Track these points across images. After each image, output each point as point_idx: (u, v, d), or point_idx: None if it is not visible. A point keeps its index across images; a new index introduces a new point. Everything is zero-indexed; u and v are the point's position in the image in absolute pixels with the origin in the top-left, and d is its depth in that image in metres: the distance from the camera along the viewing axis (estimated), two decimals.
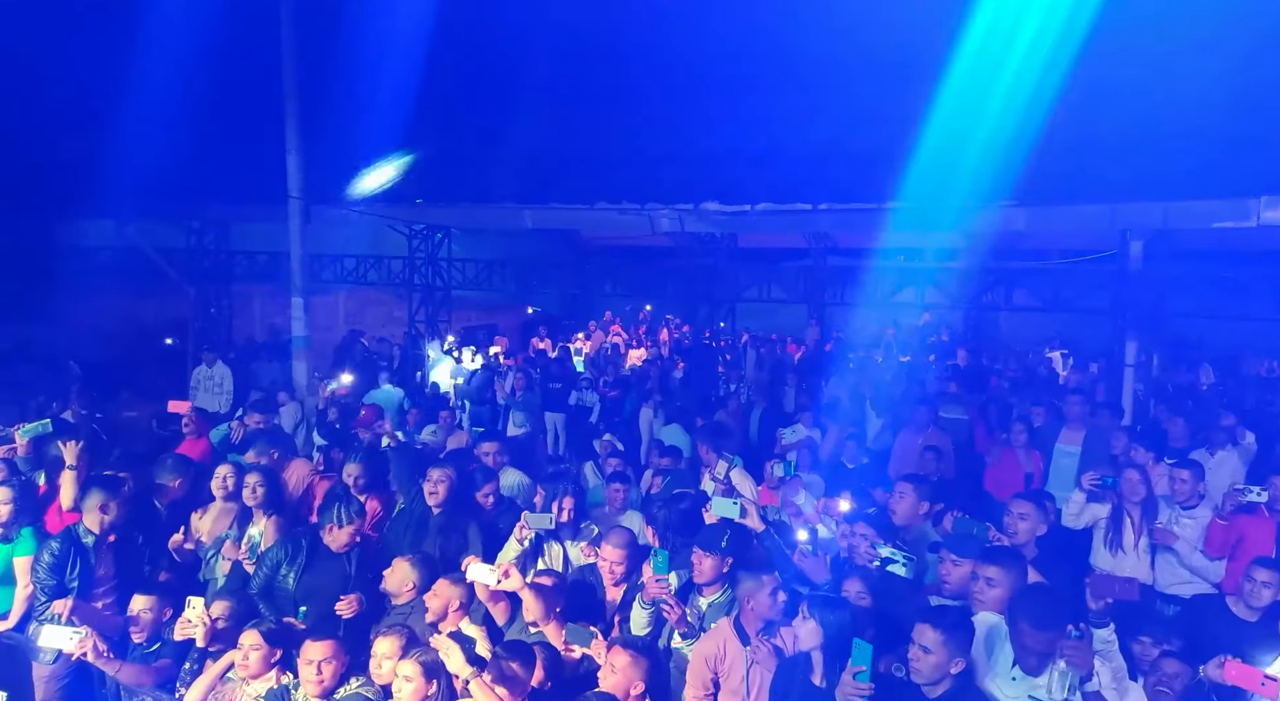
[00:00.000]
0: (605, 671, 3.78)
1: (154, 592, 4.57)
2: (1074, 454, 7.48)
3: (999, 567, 3.89)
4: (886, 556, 4.38)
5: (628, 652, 3.79)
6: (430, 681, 3.73)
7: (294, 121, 12.01)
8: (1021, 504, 4.99)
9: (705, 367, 14.08)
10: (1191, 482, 5.74)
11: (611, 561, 4.76)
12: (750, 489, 6.40)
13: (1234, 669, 3.48)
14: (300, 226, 12.31)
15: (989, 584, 3.86)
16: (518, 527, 5.06)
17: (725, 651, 3.95)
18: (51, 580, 4.73)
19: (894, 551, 4.41)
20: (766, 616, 3.95)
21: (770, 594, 3.96)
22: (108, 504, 4.88)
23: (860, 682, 3.26)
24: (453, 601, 4.43)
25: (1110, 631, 3.68)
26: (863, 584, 4.32)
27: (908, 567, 4.36)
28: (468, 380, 12.69)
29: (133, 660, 4.40)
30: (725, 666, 3.93)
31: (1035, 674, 3.45)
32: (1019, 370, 13.65)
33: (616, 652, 3.80)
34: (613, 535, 4.87)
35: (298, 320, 12.48)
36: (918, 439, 8.16)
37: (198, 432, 7.72)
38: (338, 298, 18.70)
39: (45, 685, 4.79)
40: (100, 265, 14.36)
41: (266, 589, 4.85)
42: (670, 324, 19.86)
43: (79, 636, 4.13)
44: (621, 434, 10.97)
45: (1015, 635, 3.52)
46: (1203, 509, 5.69)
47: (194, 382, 12.42)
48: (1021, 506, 4.96)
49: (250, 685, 4.06)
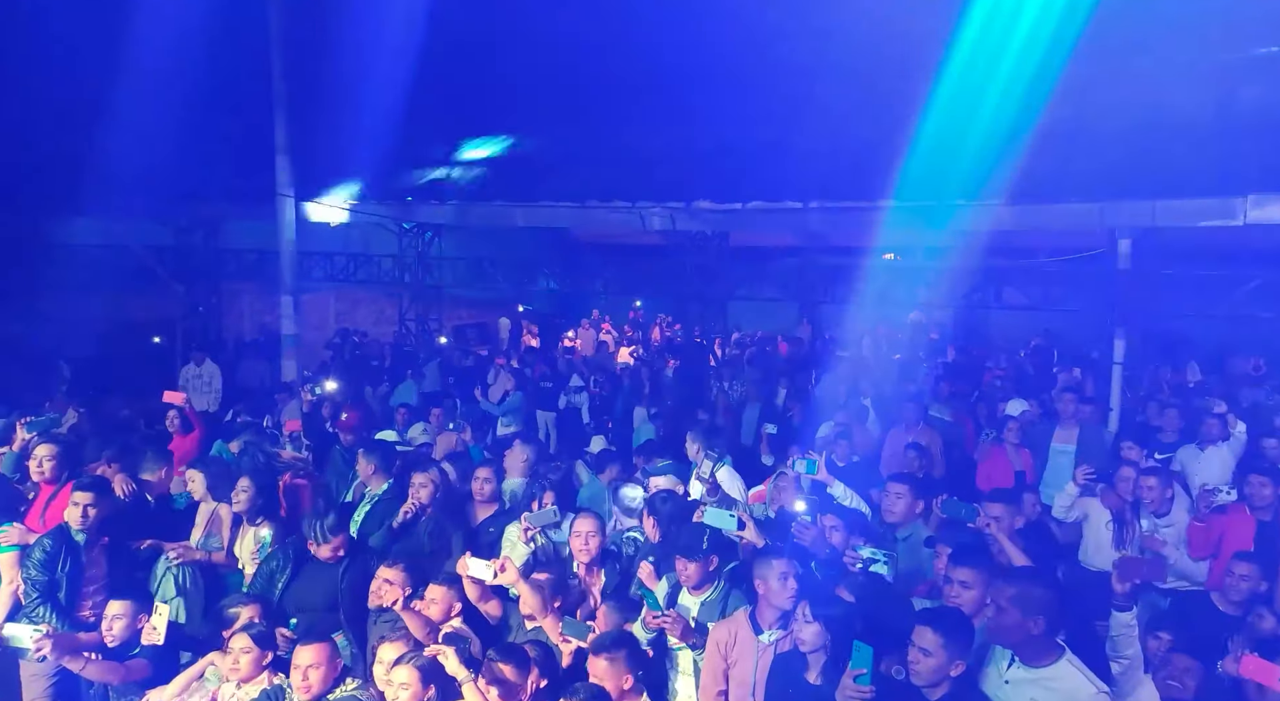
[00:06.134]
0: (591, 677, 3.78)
1: (131, 597, 4.52)
2: (1069, 452, 7.47)
3: (972, 570, 3.83)
4: (868, 557, 4.39)
5: (603, 657, 3.77)
6: (426, 686, 3.72)
7: (283, 119, 11.96)
8: (896, 485, 5.24)
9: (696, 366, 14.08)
10: (1159, 489, 5.70)
11: (586, 533, 4.80)
12: (738, 489, 6.37)
13: (1251, 663, 3.46)
14: (290, 224, 12.26)
15: (963, 587, 3.81)
16: (521, 530, 5.06)
17: (736, 638, 3.96)
18: (42, 577, 4.71)
19: (874, 551, 4.42)
20: (779, 603, 3.92)
21: (780, 578, 3.92)
22: (91, 504, 4.83)
23: (861, 686, 3.26)
24: (454, 605, 4.44)
25: (1132, 616, 3.65)
26: (850, 593, 4.30)
27: (889, 566, 4.37)
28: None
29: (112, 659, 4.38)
30: (735, 654, 3.94)
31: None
32: (1008, 368, 13.71)
33: (593, 662, 3.79)
34: (582, 513, 4.95)
35: (287, 318, 12.42)
36: (908, 437, 8.17)
37: (184, 429, 7.71)
38: (328, 296, 18.64)
39: (33, 683, 4.75)
40: (88, 263, 14.26)
41: (264, 596, 4.79)
42: (662, 322, 19.87)
43: (39, 633, 4.11)
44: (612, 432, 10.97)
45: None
46: (1178, 511, 5.71)
47: (182, 381, 12.36)
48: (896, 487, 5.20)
49: (242, 688, 4.04)
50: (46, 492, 5.45)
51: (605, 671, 3.72)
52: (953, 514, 4.66)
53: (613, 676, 3.71)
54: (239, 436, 7.05)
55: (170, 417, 7.85)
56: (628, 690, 3.75)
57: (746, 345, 16.89)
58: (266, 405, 10.11)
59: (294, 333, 12.43)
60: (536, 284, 20.39)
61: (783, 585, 3.91)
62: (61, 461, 5.48)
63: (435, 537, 5.39)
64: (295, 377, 11.97)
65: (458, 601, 4.47)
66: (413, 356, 15.01)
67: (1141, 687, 3.68)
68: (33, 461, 5.50)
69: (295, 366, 12.29)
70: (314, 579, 4.85)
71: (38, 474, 5.46)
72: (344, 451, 7.28)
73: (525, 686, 3.73)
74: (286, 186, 12.09)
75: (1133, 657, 3.62)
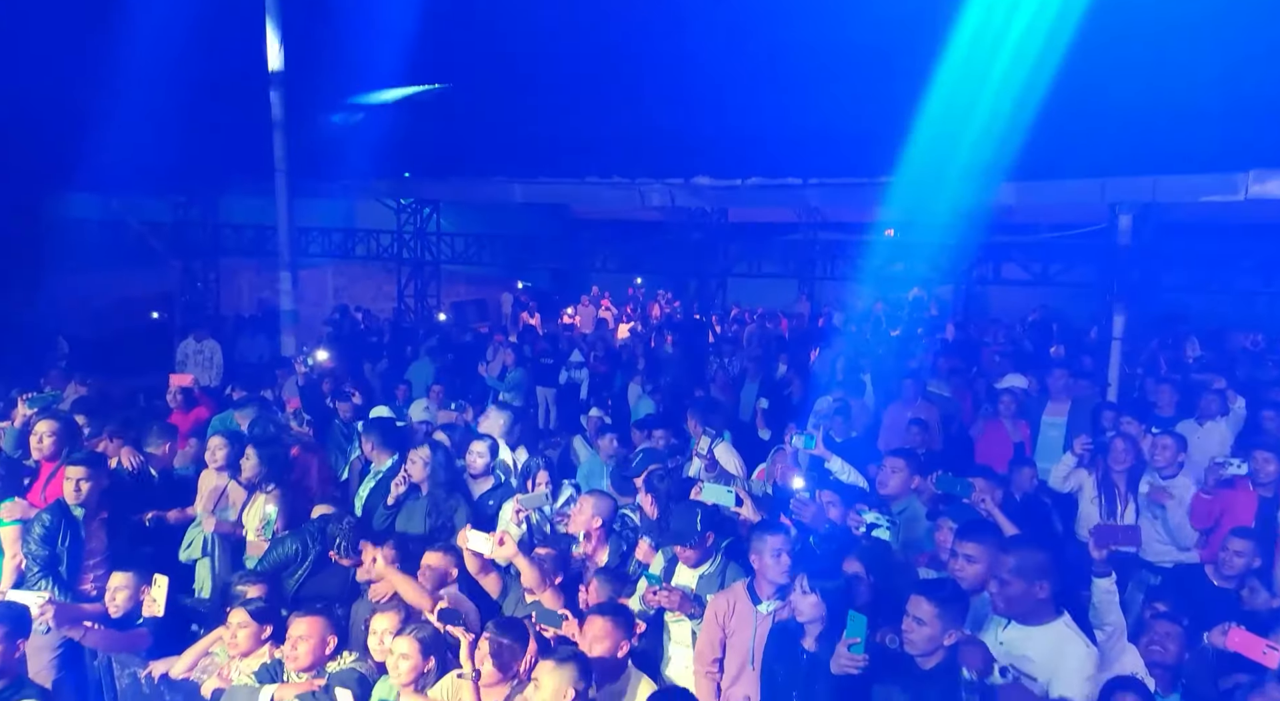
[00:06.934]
0: (587, 642, 3.81)
1: (134, 569, 4.55)
2: (1059, 425, 7.54)
3: (977, 544, 3.83)
4: (871, 521, 4.43)
5: (603, 618, 3.83)
6: (427, 658, 3.75)
7: (280, 95, 11.87)
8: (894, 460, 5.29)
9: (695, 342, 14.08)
10: (1173, 451, 5.78)
11: (590, 513, 4.84)
12: (735, 464, 6.40)
13: (1237, 636, 3.51)
14: (287, 200, 12.20)
15: (968, 560, 3.81)
16: (514, 511, 5.09)
17: (735, 609, 4.00)
18: (43, 551, 4.74)
19: (878, 516, 4.47)
20: (773, 578, 3.95)
21: (773, 554, 3.95)
22: (84, 479, 4.84)
23: (855, 654, 3.30)
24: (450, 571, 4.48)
25: (1111, 582, 3.69)
26: (860, 561, 4.32)
27: (891, 531, 4.41)
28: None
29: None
30: (734, 624, 3.98)
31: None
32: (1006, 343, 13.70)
33: (592, 623, 3.84)
34: (589, 493, 4.96)
35: (286, 294, 12.41)
36: (906, 412, 8.19)
37: (185, 406, 7.72)
38: (326, 272, 18.58)
39: (38, 655, 4.79)
40: (86, 239, 14.20)
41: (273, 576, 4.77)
42: (661, 299, 19.85)
43: (41, 601, 4.15)
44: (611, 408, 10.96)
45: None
46: (1182, 477, 5.74)
47: (180, 356, 12.30)
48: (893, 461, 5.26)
49: (243, 662, 4.08)
50: (48, 469, 5.47)
51: (606, 630, 3.76)
52: (947, 489, 4.70)
53: (611, 637, 3.76)
54: (245, 408, 7.04)
55: (173, 393, 7.86)
56: (621, 657, 3.81)
57: (745, 321, 16.87)
58: (267, 380, 10.12)
59: (292, 308, 12.42)
60: (536, 260, 20.34)
61: (776, 560, 3.95)
62: (61, 438, 5.49)
63: (434, 514, 5.40)
64: (295, 353, 11.96)
65: (454, 568, 4.53)
66: (412, 333, 14.99)
67: (1126, 655, 3.73)
68: (33, 437, 5.51)
69: (295, 342, 12.28)
70: (331, 573, 4.86)
71: (38, 450, 5.47)
72: (343, 426, 7.31)
73: (523, 659, 3.76)
74: (284, 162, 12.03)
75: (1115, 625, 3.66)
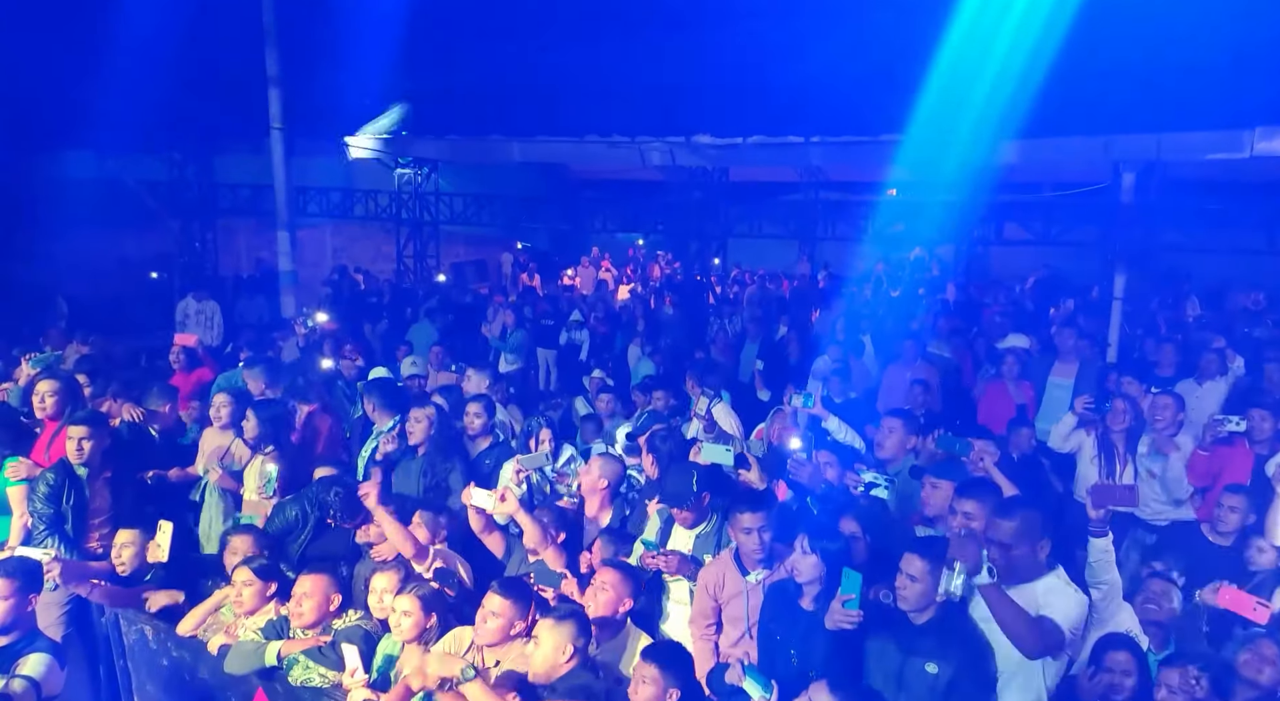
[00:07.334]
0: (594, 591, 3.88)
1: (139, 526, 4.60)
2: (1066, 386, 7.46)
3: (976, 501, 3.83)
4: (870, 481, 4.47)
5: (616, 571, 3.90)
6: (428, 614, 3.81)
7: (274, 51, 11.72)
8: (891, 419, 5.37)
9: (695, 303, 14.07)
10: (1172, 411, 5.80)
11: (597, 474, 4.91)
12: (733, 425, 6.40)
13: (1228, 594, 3.56)
14: (283, 159, 12.10)
15: (967, 518, 3.81)
16: (514, 471, 5.12)
17: (725, 581, 4.02)
18: (48, 509, 4.79)
19: (875, 475, 4.51)
20: (750, 553, 3.94)
21: (744, 533, 3.91)
22: (87, 438, 4.87)
23: (849, 610, 3.34)
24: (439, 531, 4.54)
25: (1108, 541, 3.72)
26: (857, 521, 4.34)
27: (889, 490, 4.46)
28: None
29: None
30: (725, 594, 4.01)
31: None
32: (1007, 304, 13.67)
33: (605, 571, 3.89)
34: (597, 455, 5.02)
35: (284, 255, 12.37)
36: (905, 373, 8.19)
37: (187, 367, 7.74)
38: (324, 232, 18.50)
39: (46, 612, 4.85)
40: (82, 198, 14.11)
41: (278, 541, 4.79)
42: (661, 259, 19.78)
43: (48, 558, 4.19)
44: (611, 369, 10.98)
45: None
46: (1181, 436, 5.77)
47: (180, 316, 12.31)
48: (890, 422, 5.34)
49: (249, 619, 4.13)
50: (51, 428, 5.49)
51: (614, 583, 3.84)
52: (948, 448, 4.73)
53: (618, 591, 3.83)
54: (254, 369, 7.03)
55: (175, 354, 7.87)
56: (623, 613, 3.86)
57: (746, 283, 16.83)
58: (267, 341, 10.13)
59: (291, 269, 12.38)
60: (535, 221, 20.24)
61: (748, 537, 3.90)
62: (64, 397, 5.51)
63: (429, 474, 5.44)
64: (294, 314, 11.96)
65: (443, 528, 4.60)
66: (412, 293, 14.96)
67: (1121, 612, 3.77)
68: (35, 397, 5.54)
69: (294, 303, 12.26)
70: (334, 536, 4.86)
71: (40, 410, 5.50)
72: (346, 385, 7.34)
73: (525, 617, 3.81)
74: (279, 119, 11.91)
75: (1111, 583, 3.70)
